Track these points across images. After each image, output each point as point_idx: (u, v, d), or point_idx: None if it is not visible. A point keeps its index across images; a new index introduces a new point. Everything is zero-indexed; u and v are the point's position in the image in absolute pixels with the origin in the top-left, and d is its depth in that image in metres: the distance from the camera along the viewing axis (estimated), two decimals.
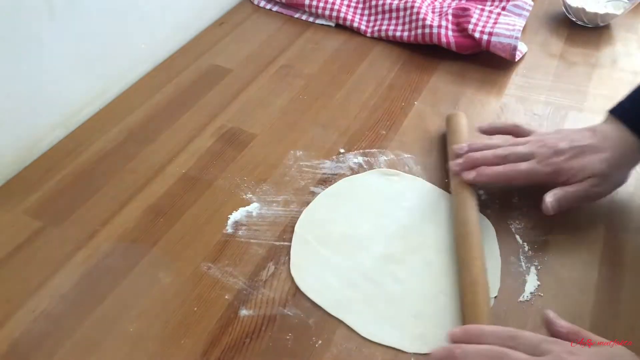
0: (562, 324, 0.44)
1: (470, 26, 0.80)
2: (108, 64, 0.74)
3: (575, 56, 0.83)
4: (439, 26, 0.80)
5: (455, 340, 0.45)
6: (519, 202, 0.61)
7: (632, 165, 0.58)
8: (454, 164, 0.60)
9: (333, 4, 0.88)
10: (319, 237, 0.57)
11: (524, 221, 0.59)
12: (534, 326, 0.49)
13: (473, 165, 0.58)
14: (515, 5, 0.86)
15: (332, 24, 0.89)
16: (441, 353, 0.44)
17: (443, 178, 0.63)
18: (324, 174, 0.64)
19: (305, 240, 0.57)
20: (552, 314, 0.45)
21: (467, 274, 0.51)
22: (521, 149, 0.57)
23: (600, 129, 0.57)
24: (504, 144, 0.59)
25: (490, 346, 0.42)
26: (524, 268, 0.55)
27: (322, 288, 0.53)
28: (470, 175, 0.58)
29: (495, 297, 0.52)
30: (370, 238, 0.57)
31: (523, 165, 0.56)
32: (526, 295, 0.52)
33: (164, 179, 0.63)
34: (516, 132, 0.62)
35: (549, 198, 0.55)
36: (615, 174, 0.56)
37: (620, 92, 0.58)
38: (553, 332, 0.45)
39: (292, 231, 0.58)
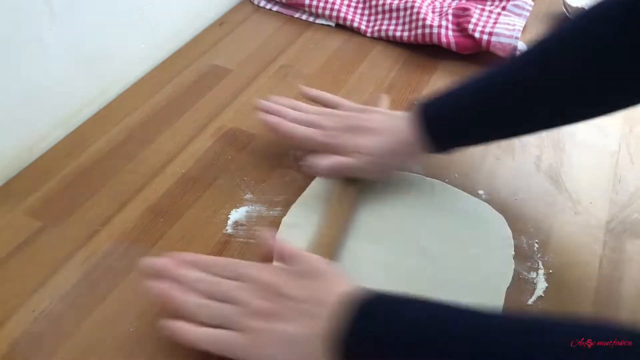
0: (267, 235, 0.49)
1: (470, 26, 0.80)
2: (108, 64, 0.74)
3: None
4: (439, 26, 0.80)
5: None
6: (519, 202, 0.61)
7: (407, 156, 0.60)
8: (261, 102, 0.64)
9: (333, 3, 0.88)
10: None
11: (524, 221, 0.59)
12: None
13: (274, 111, 0.63)
14: (515, 5, 0.86)
15: (332, 24, 0.89)
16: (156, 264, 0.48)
17: (444, 177, 0.63)
18: None
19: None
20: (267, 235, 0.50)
21: None
22: (312, 117, 0.61)
23: (394, 115, 0.60)
24: (307, 111, 0.63)
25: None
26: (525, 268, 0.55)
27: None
28: (269, 118, 0.62)
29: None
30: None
31: (300, 130, 0.60)
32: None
33: (164, 179, 0.63)
34: (333, 106, 0.64)
35: (324, 162, 0.58)
36: (387, 161, 0.59)
37: None
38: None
39: None
